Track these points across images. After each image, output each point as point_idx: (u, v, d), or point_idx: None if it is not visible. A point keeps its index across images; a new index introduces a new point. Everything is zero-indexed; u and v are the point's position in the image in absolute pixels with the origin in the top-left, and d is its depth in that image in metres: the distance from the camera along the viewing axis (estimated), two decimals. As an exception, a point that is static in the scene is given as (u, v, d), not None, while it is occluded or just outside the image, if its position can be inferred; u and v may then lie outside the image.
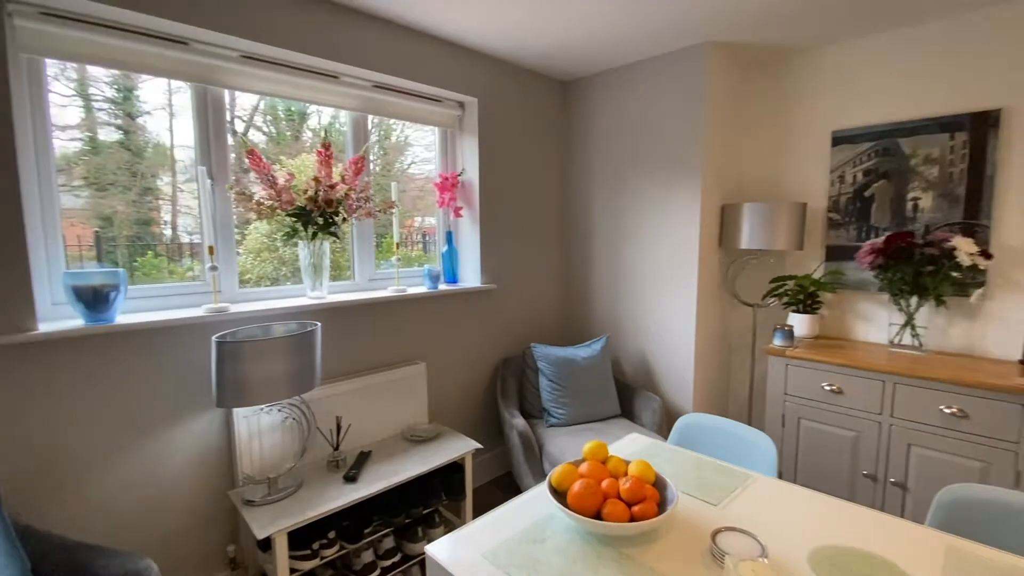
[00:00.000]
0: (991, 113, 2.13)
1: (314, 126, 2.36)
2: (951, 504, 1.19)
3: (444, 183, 2.56)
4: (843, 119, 2.53)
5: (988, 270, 2.15)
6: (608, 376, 2.62)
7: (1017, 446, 1.81)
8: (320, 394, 2.01)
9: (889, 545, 1.05)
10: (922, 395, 1.99)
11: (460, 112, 2.63)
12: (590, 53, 2.58)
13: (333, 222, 2.01)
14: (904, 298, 2.27)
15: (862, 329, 2.53)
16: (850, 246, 2.52)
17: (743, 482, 1.31)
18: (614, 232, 2.91)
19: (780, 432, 2.39)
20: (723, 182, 2.71)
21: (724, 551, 0.97)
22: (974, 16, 2.14)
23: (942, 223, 2.27)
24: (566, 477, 1.18)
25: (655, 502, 1.11)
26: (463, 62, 2.49)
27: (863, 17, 2.20)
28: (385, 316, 2.30)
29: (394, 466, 1.97)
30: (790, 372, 2.34)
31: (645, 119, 2.71)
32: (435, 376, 2.52)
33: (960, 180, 2.21)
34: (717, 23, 2.23)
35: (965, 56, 2.17)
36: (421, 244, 2.82)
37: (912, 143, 2.33)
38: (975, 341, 2.22)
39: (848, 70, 2.49)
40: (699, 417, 1.67)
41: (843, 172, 2.54)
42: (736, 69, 2.72)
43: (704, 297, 2.64)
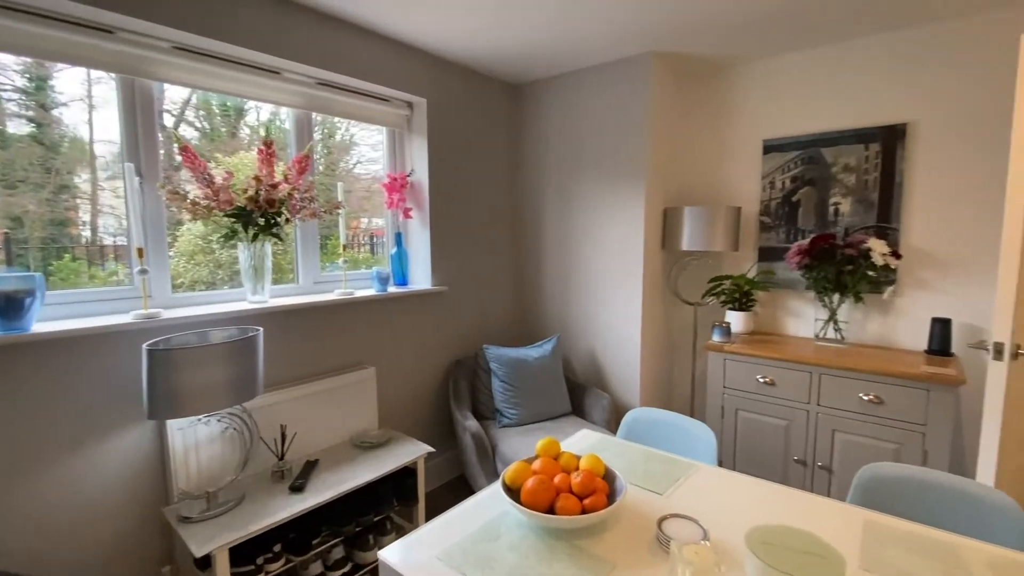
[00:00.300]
0: (899, 126, 2.34)
1: (253, 123, 2.26)
2: (868, 483, 1.30)
3: (393, 184, 2.52)
4: (773, 129, 2.70)
5: (898, 269, 2.37)
6: (559, 375, 2.67)
7: (924, 428, 2.00)
8: (263, 402, 1.93)
9: (816, 522, 1.14)
10: (844, 384, 2.16)
11: (409, 112, 2.60)
12: (539, 58, 2.63)
13: (275, 223, 1.94)
14: (827, 295, 2.45)
15: (791, 324, 2.71)
16: (780, 247, 2.69)
17: (686, 471, 1.38)
18: (564, 234, 2.97)
19: (720, 423, 2.52)
20: (665, 186, 2.83)
21: (669, 537, 1.01)
22: (885, 38, 2.35)
23: (859, 226, 2.47)
24: (519, 475, 1.19)
25: (605, 494, 1.14)
26: (412, 62, 2.47)
27: (787, 35, 2.36)
28: (332, 320, 2.24)
29: (343, 474, 1.92)
30: (728, 366, 2.48)
31: (592, 124, 2.79)
32: (385, 380, 2.47)
33: (874, 187, 2.43)
34: (656, 35, 2.34)
35: (877, 74, 2.39)
36: (369, 246, 2.76)
37: (833, 152, 2.53)
38: (888, 333, 2.43)
39: (777, 83, 2.67)
40: (645, 411, 1.74)
41: (773, 178, 2.71)
42: (676, 79, 2.85)
43: (649, 297, 2.75)
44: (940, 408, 1.96)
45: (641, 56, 2.57)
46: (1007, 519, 1.15)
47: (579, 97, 2.83)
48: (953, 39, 2.20)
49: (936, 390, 1.96)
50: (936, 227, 2.29)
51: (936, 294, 2.30)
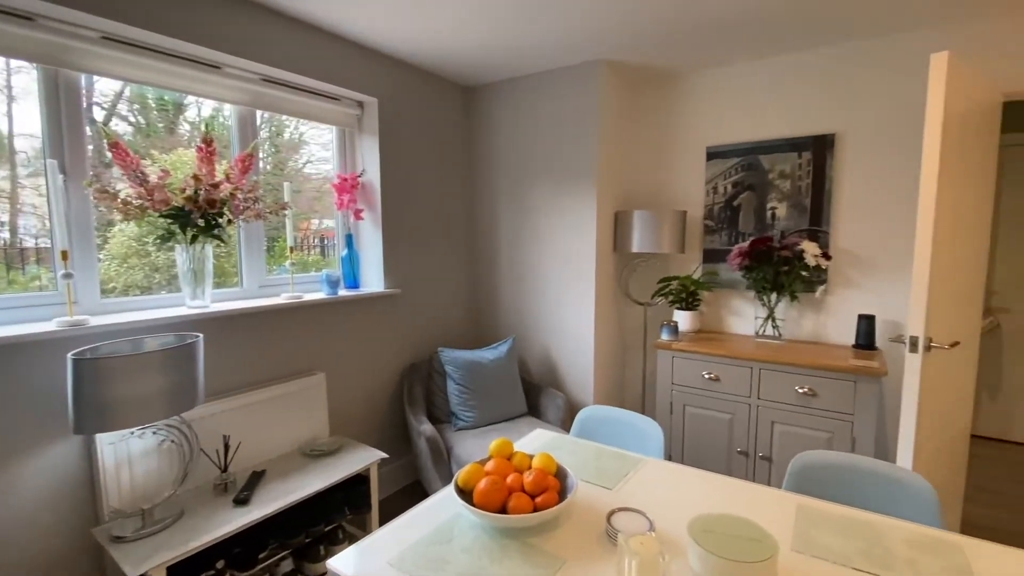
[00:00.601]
0: (828, 136, 2.51)
1: (193, 118, 2.15)
2: (801, 470, 1.39)
3: (343, 184, 2.46)
4: (715, 136, 2.83)
5: (828, 269, 2.54)
6: (515, 376, 2.69)
7: (853, 417, 2.15)
8: (205, 412, 1.84)
9: (755, 509, 1.20)
10: (782, 378, 2.29)
11: (359, 112, 2.56)
12: (492, 61, 2.64)
13: (216, 224, 1.85)
14: (766, 295, 2.59)
15: (734, 323, 2.84)
16: (723, 249, 2.83)
17: (635, 466, 1.42)
18: (519, 236, 3.00)
19: (669, 419, 2.61)
20: (616, 190, 2.90)
21: (617, 530, 1.04)
22: (815, 53, 2.52)
23: (794, 229, 2.63)
24: (472, 476, 1.19)
25: (556, 491, 1.16)
26: (362, 61, 2.42)
27: (728, 48, 2.48)
28: (279, 325, 2.16)
29: (291, 484, 1.85)
30: (676, 364, 2.57)
31: (545, 128, 2.83)
32: (336, 386, 2.41)
33: (806, 192, 2.59)
34: (606, 43, 2.40)
35: (809, 87, 2.55)
36: (319, 248, 2.69)
37: (770, 159, 2.68)
38: (821, 330, 2.60)
39: (719, 93, 2.80)
40: (597, 409, 1.78)
41: (716, 184, 2.84)
42: (626, 86, 2.94)
43: (601, 298, 2.81)
44: (866, 398, 2.11)
45: (592, 63, 2.64)
46: (922, 499, 1.25)
47: (532, 101, 2.87)
48: (873, 56, 2.38)
49: (862, 382, 2.11)
50: (861, 230, 2.47)
51: (862, 292, 2.48)
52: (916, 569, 0.97)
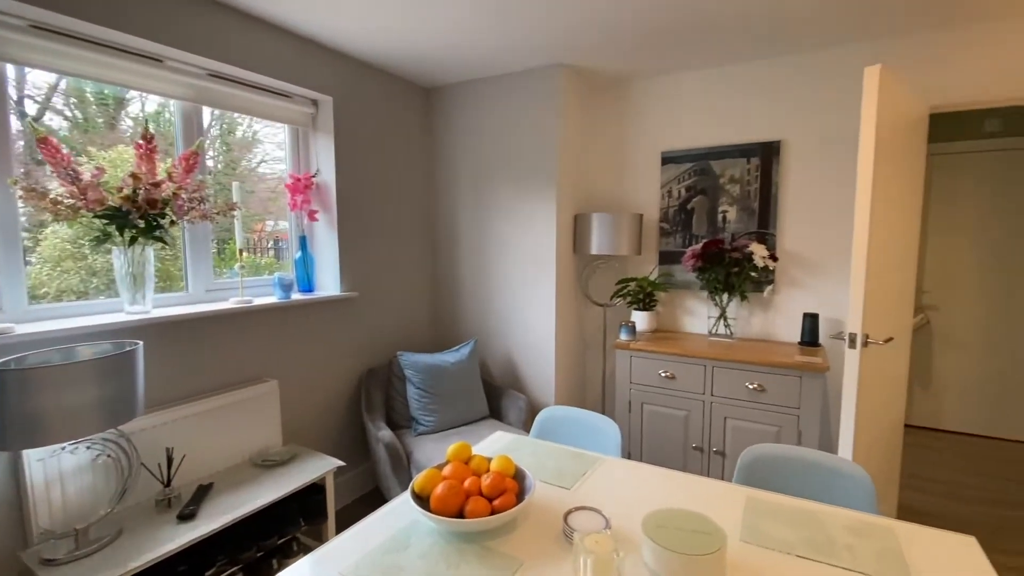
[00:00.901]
0: (774, 143, 2.63)
1: (136, 114, 2.04)
2: (750, 463, 1.44)
3: (296, 185, 2.39)
4: (670, 142, 2.92)
5: (775, 270, 2.66)
6: (476, 379, 2.68)
7: (799, 411, 2.25)
8: (146, 424, 1.74)
9: (706, 503, 1.24)
10: (733, 375, 2.37)
11: (313, 110, 2.49)
12: (451, 63, 2.63)
13: (158, 225, 1.76)
14: (718, 295, 2.69)
15: (689, 322, 2.93)
16: (677, 251, 2.91)
17: (593, 465, 1.44)
18: (480, 238, 2.99)
19: (628, 417, 2.66)
20: (575, 193, 2.94)
21: (573, 529, 1.05)
22: (761, 64, 2.63)
23: (743, 232, 2.74)
24: (429, 481, 1.18)
25: (514, 493, 1.16)
26: (316, 58, 2.36)
27: (681, 56, 2.57)
28: (228, 331, 2.07)
29: (241, 496, 1.78)
30: (634, 363, 2.63)
31: (506, 131, 2.84)
32: (290, 394, 2.33)
33: (755, 197, 2.70)
34: (563, 47, 2.43)
35: (756, 95, 2.66)
36: (273, 250, 2.60)
37: (721, 165, 2.78)
38: (769, 328, 2.71)
39: (673, 99, 2.88)
40: (556, 410, 1.79)
41: (671, 188, 2.93)
42: (585, 91, 2.98)
43: (562, 299, 2.84)
44: (810, 393, 2.22)
45: (550, 68, 2.67)
46: (860, 487, 1.32)
47: (492, 104, 2.87)
48: (814, 68, 2.51)
49: (807, 377, 2.21)
50: (805, 233, 2.59)
51: (806, 292, 2.61)
52: (854, 553, 1.03)
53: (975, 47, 2.21)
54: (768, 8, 2.03)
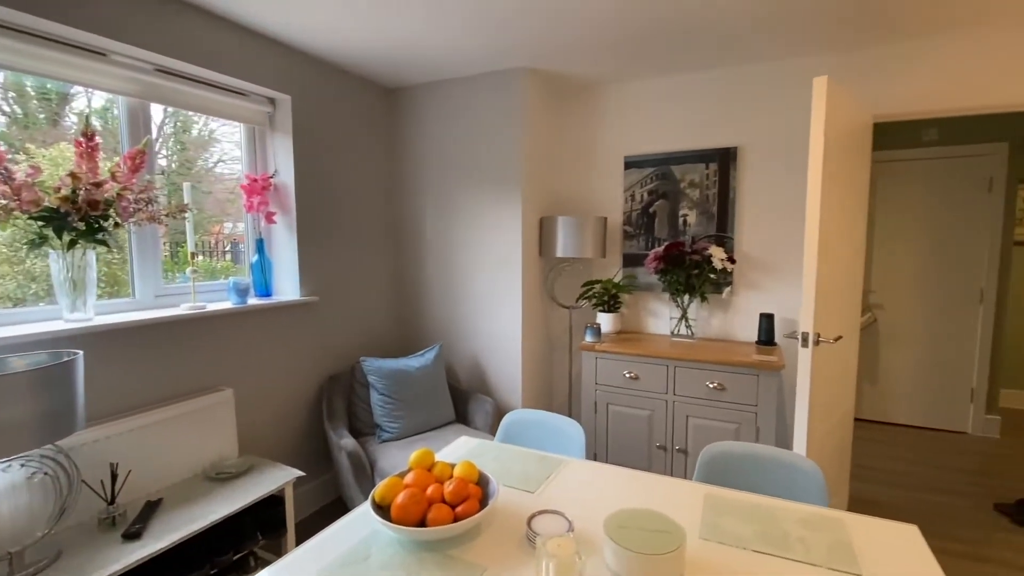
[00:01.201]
0: (731, 149, 2.72)
1: (83, 110, 1.92)
2: (709, 461, 1.47)
3: (252, 186, 2.31)
4: (632, 146, 2.97)
5: (733, 272, 2.74)
6: (442, 383, 2.65)
7: (756, 408, 2.33)
8: (87, 438, 1.64)
9: (668, 501, 1.26)
10: (694, 375, 2.43)
11: (271, 109, 2.41)
12: (415, 63, 2.60)
13: (100, 228, 1.66)
14: (680, 296, 2.75)
15: (652, 323, 2.99)
16: (640, 254, 2.96)
17: (557, 468, 1.44)
18: (445, 241, 2.97)
19: (594, 418, 2.69)
20: (541, 196, 2.96)
21: (536, 533, 1.05)
22: (719, 72, 2.72)
23: (703, 235, 2.81)
24: (390, 490, 1.15)
25: (478, 499, 1.15)
26: (274, 56, 2.29)
27: (643, 63, 2.62)
28: (179, 338, 1.98)
29: (193, 512, 1.70)
30: (599, 364, 2.65)
31: (471, 133, 2.83)
32: (246, 403, 2.25)
33: (713, 201, 2.78)
34: (528, 52, 2.44)
35: (714, 103, 2.74)
36: (230, 253, 2.50)
37: (681, 170, 2.85)
38: (728, 328, 2.79)
39: (635, 105, 2.94)
40: (521, 413, 1.79)
41: (634, 192, 2.98)
42: (549, 95, 3.01)
43: (528, 301, 2.85)
44: (767, 390, 2.29)
45: (515, 71, 2.67)
46: (812, 480, 1.37)
47: (456, 105, 2.85)
48: (768, 77, 2.61)
49: (764, 375, 2.29)
50: (760, 236, 2.69)
51: (763, 293, 2.70)
52: (806, 546, 1.06)
53: (914, 61, 2.34)
54: (722, 21, 2.10)
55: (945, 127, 3.54)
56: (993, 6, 2.00)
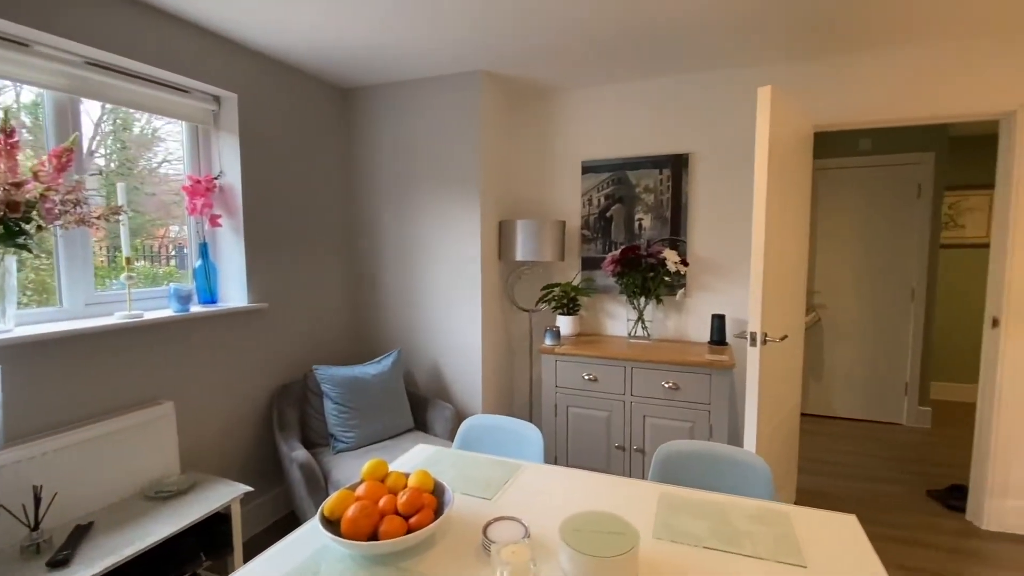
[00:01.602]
0: (683, 156, 2.80)
1: (10, 104, 1.77)
2: (663, 460, 1.50)
3: (195, 187, 2.19)
4: (589, 152, 3.01)
5: (687, 274, 2.82)
6: (400, 390, 2.59)
7: (709, 406, 2.39)
8: (7, 459, 1.51)
9: (623, 502, 1.27)
10: (651, 375, 2.48)
11: (215, 107, 2.31)
12: (370, 64, 2.55)
13: (21, 231, 1.54)
14: (636, 298, 2.80)
15: (610, 325, 3.03)
16: (598, 257, 3.01)
17: (515, 473, 1.43)
18: (404, 244, 2.91)
19: (554, 421, 2.70)
20: (500, 200, 2.95)
21: (492, 541, 1.03)
22: (670, 80, 2.79)
23: (658, 239, 2.88)
24: (340, 504, 1.11)
25: (432, 509, 1.13)
26: (219, 52, 2.19)
27: (597, 70, 2.66)
28: (113, 349, 1.85)
29: (128, 535, 1.59)
30: (559, 367, 2.67)
31: (428, 135, 2.80)
32: (189, 416, 2.13)
33: (667, 205, 2.85)
34: (485, 56, 2.44)
35: (667, 110, 2.82)
36: (176, 258, 2.37)
37: (636, 175, 2.91)
38: (682, 329, 2.86)
39: (592, 111, 2.98)
40: (479, 419, 1.77)
41: (591, 196, 3.02)
42: (507, 98, 3.01)
43: (488, 305, 2.83)
44: (720, 389, 2.36)
45: (473, 73, 2.66)
46: (759, 475, 1.42)
47: (414, 107, 2.82)
48: (717, 86, 2.70)
49: (716, 374, 2.36)
50: (712, 239, 2.77)
51: (715, 294, 2.79)
52: (753, 540, 1.09)
53: (851, 75, 2.48)
54: (674, 31, 2.16)
55: (878, 137, 3.77)
56: (920, 26, 2.14)
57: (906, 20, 2.10)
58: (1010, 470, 2.39)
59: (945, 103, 2.36)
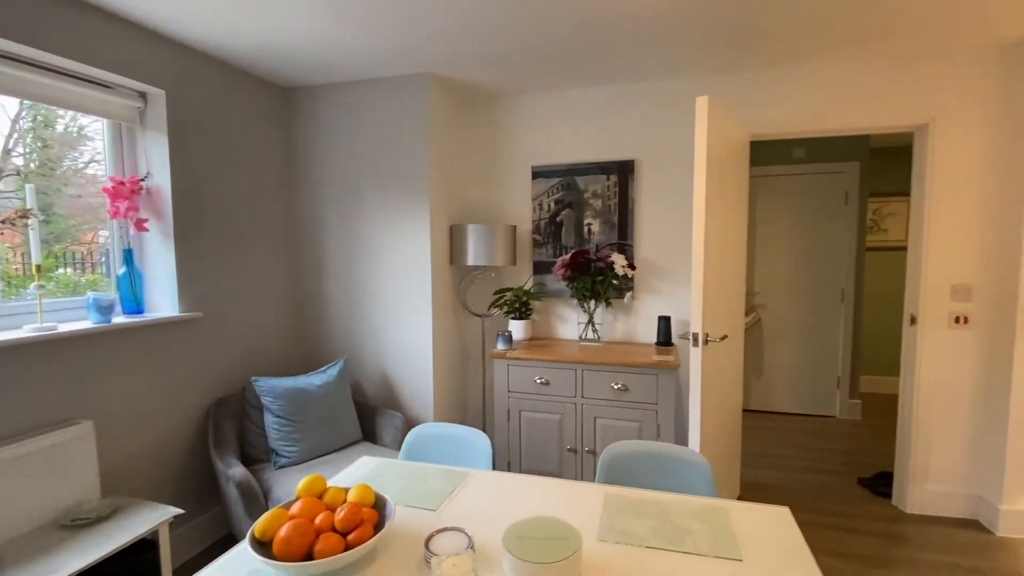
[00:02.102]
0: (629, 162, 2.86)
1: None
2: (609, 461, 1.52)
3: (118, 189, 2.04)
4: (539, 157, 3.04)
5: (634, 277, 2.88)
6: (347, 401, 2.51)
7: (657, 406, 2.45)
8: None
9: (568, 505, 1.27)
10: (600, 377, 2.51)
11: (141, 104, 2.16)
12: (314, 63, 2.46)
13: (-94, 237, 1.38)
14: (586, 302, 2.84)
15: (562, 328, 3.06)
16: (549, 262, 3.03)
17: (461, 481, 1.40)
18: (350, 249, 2.83)
19: (507, 426, 2.68)
20: (450, 204, 2.92)
21: (433, 553, 1.01)
22: (614, 88, 2.86)
23: (606, 243, 2.93)
24: (272, 523, 1.05)
25: (372, 524, 1.09)
26: (144, 45, 2.06)
27: (544, 77, 2.68)
28: (21, 365, 1.69)
29: (40, 568, 1.45)
30: (511, 372, 2.66)
31: (376, 138, 2.73)
32: (112, 435, 1.97)
33: (615, 211, 2.91)
34: (432, 58, 2.41)
35: (613, 117, 2.88)
36: (104, 265, 2.20)
37: (585, 180, 2.95)
38: (631, 331, 2.93)
39: (542, 116, 3.01)
40: (426, 427, 1.73)
41: (541, 201, 3.04)
42: (457, 102, 2.99)
43: (439, 311, 2.79)
44: (666, 389, 2.42)
45: (421, 76, 2.63)
46: (701, 473, 1.46)
47: (360, 108, 2.75)
48: (660, 95, 2.79)
49: (662, 374, 2.42)
50: (657, 243, 2.85)
51: (661, 297, 2.86)
52: (693, 537, 1.11)
53: (785, 87, 2.61)
54: (617, 41, 2.21)
55: (811, 146, 4.01)
56: (847, 44, 2.29)
57: (834, 38, 2.23)
58: (930, 456, 2.58)
59: (868, 116, 2.53)
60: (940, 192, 2.48)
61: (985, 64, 2.39)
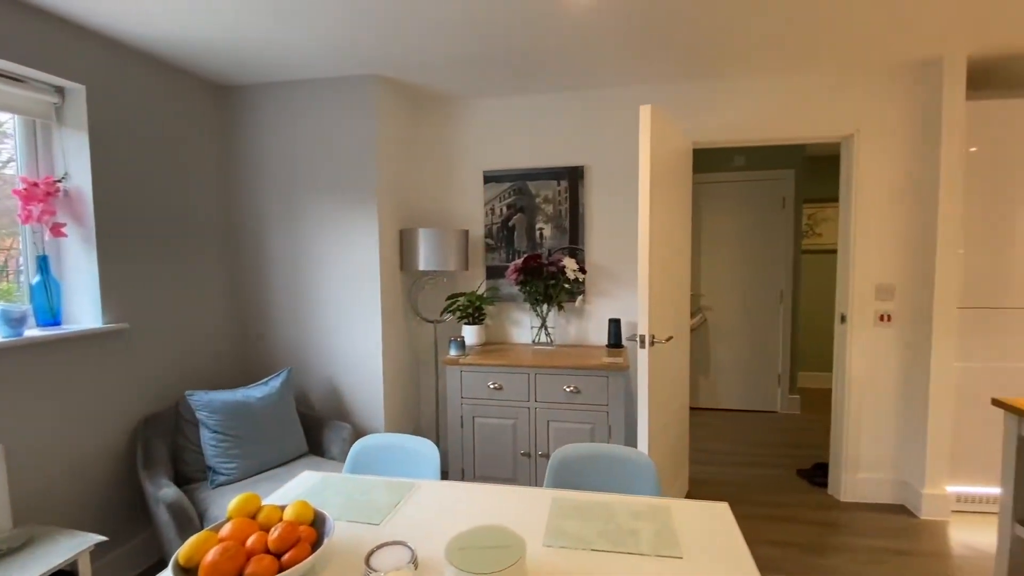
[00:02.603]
0: (579, 168, 2.91)
1: None
2: (558, 465, 1.52)
3: (31, 191, 1.88)
4: (491, 162, 3.03)
5: (585, 281, 2.92)
6: (291, 413, 2.41)
7: (607, 408, 2.48)
8: None
9: (515, 511, 1.26)
10: (553, 380, 2.53)
11: (58, 100, 2.00)
12: (253, 60, 2.36)
13: None
14: (539, 306, 2.85)
15: (515, 333, 3.06)
16: (502, 266, 3.03)
17: (407, 493, 1.37)
18: (293, 254, 2.72)
19: (460, 432, 2.65)
20: (399, 208, 2.87)
21: (374, 569, 0.97)
22: (564, 95, 2.90)
23: (558, 247, 2.96)
24: (199, 548, 0.98)
25: (310, 543, 1.04)
26: (61, 37, 1.91)
27: (491, 81, 2.69)
28: (-88, 386, 1.52)
29: (-70, 613, 1.30)
30: (464, 378, 2.63)
31: (321, 139, 2.65)
32: (25, 459, 1.80)
33: (566, 216, 2.94)
34: (378, 59, 2.36)
35: (563, 123, 2.92)
36: (23, 274, 2.01)
37: (536, 186, 2.97)
38: (583, 334, 2.96)
39: (493, 121, 3.01)
40: (371, 439, 1.68)
41: (493, 205, 3.04)
42: (406, 105, 2.94)
43: (389, 317, 2.73)
44: (616, 390, 2.46)
45: (368, 78, 2.57)
46: (646, 472, 1.48)
47: (304, 109, 2.65)
48: (606, 103, 2.85)
49: (612, 376, 2.45)
50: (607, 247, 2.91)
51: (611, 300, 2.92)
52: (636, 537, 1.13)
53: (725, 97, 2.73)
54: (563, 48, 2.24)
55: (750, 154, 4.20)
56: (783, 58, 2.41)
57: (770, 54, 2.35)
58: (860, 446, 2.74)
59: (802, 126, 2.68)
60: (865, 198, 2.65)
61: (903, 80, 2.58)
